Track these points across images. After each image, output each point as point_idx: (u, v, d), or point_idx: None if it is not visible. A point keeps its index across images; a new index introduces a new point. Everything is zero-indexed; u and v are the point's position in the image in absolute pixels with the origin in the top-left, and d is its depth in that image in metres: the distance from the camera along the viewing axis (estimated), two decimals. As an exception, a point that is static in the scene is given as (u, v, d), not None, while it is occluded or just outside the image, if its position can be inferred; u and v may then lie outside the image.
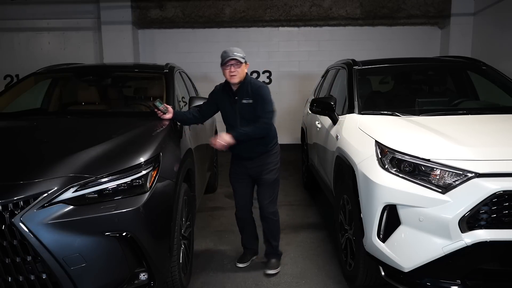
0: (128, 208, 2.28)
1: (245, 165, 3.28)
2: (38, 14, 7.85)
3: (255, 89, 3.09)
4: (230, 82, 3.10)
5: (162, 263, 2.53)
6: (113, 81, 4.24)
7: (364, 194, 2.63)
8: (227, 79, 3.11)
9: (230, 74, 3.04)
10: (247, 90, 3.10)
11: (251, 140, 3.11)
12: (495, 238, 2.20)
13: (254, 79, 3.24)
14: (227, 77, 3.08)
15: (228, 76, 3.07)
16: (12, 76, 8.14)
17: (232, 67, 3.02)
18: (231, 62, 3.01)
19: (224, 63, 3.03)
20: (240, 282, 3.19)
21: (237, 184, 3.39)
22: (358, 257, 2.79)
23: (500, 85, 3.83)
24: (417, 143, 2.57)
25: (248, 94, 3.09)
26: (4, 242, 2.12)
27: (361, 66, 3.99)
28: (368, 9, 7.72)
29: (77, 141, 2.70)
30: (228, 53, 3.03)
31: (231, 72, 3.03)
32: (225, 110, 3.19)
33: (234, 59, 3.01)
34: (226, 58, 3.02)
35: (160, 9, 7.82)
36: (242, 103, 3.10)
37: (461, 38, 7.52)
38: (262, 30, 8.15)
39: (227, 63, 3.02)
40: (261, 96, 3.08)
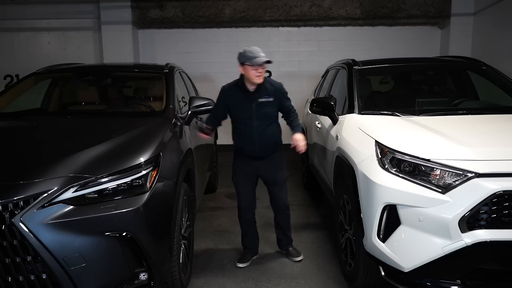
0: (128, 208, 2.29)
1: (255, 165, 3.30)
2: (38, 14, 7.85)
3: (276, 87, 3.22)
4: (255, 82, 3.09)
5: (162, 263, 2.53)
6: (113, 81, 4.24)
7: (364, 194, 2.63)
8: (251, 78, 3.08)
9: (258, 74, 3.06)
10: (265, 88, 3.16)
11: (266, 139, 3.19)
12: (495, 238, 2.20)
13: (268, 78, 3.27)
14: (252, 77, 3.06)
15: (254, 76, 3.06)
16: (12, 76, 8.13)
17: (260, 68, 3.04)
18: (264, 64, 3.03)
19: (256, 63, 3.01)
20: (240, 282, 3.18)
21: (242, 184, 3.38)
22: (358, 257, 2.79)
23: (500, 85, 3.83)
24: (417, 143, 2.57)
25: (267, 92, 3.16)
26: (4, 242, 2.12)
27: (361, 66, 3.99)
28: (368, 9, 7.72)
29: (77, 141, 2.70)
30: (255, 53, 3.03)
31: (259, 73, 3.06)
32: (239, 109, 3.19)
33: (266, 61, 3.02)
34: (258, 59, 3.00)
35: (160, 9, 7.81)
36: (259, 101, 3.15)
37: (461, 38, 7.52)
38: (262, 30, 8.14)
39: (259, 64, 3.01)
40: (284, 93, 3.27)
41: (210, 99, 3.69)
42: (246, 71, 3.08)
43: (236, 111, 3.21)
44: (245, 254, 3.51)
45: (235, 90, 3.21)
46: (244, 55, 3.05)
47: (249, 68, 3.05)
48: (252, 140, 3.20)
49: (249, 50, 3.04)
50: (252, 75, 3.06)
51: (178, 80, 4.08)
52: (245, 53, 3.06)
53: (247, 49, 3.07)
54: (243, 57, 3.07)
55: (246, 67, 3.07)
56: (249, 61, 3.02)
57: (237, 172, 3.40)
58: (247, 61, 3.04)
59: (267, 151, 3.27)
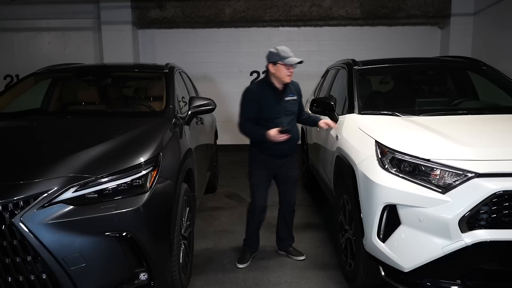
0: (128, 208, 2.28)
1: (278, 164, 3.33)
2: (38, 14, 7.85)
3: (297, 86, 3.39)
4: (284, 81, 3.18)
5: (162, 263, 2.53)
6: (113, 81, 4.24)
7: (364, 194, 2.63)
8: (281, 77, 3.15)
9: (289, 74, 3.15)
10: (290, 87, 3.27)
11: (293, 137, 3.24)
12: (495, 238, 2.20)
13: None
14: (283, 76, 3.14)
15: (284, 75, 3.14)
16: (12, 76, 8.14)
17: (292, 67, 3.13)
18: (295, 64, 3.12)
19: (289, 63, 3.09)
20: (240, 282, 3.19)
21: (260, 185, 3.35)
22: (358, 257, 2.79)
23: (500, 85, 3.83)
24: (417, 143, 2.57)
25: (292, 91, 3.29)
26: (4, 242, 2.12)
27: (361, 66, 3.99)
28: (368, 9, 7.72)
29: (77, 141, 2.70)
30: (288, 53, 3.12)
31: (291, 73, 3.16)
32: (269, 107, 3.20)
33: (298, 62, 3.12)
34: (292, 59, 3.10)
35: (160, 9, 7.82)
36: (286, 100, 3.24)
37: (461, 38, 7.52)
38: (262, 30, 8.15)
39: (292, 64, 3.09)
40: (301, 93, 3.43)
41: (210, 99, 3.69)
42: (277, 70, 3.14)
43: (266, 110, 3.20)
44: (244, 254, 3.51)
45: (264, 88, 3.22)
46: (278, 55, 3.11)
47: (282, 67, 3.12)
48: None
49: (282, 50, 3.12)
50: (283, 74, 3.14)
51: (178, 80, 4.08)
52: (278, 52, 3.11)
53: (279, 48, 3.13)
54: (276, 56, 3.12)
55: (278, 66, 3.12)
56: (283, 60, 3.10)
57: (256, 172, 3.34)
58: (280, 60, 3.10)
59: (293, 149, 3.36)
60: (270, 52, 3.17)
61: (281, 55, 3.10)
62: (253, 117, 3.22)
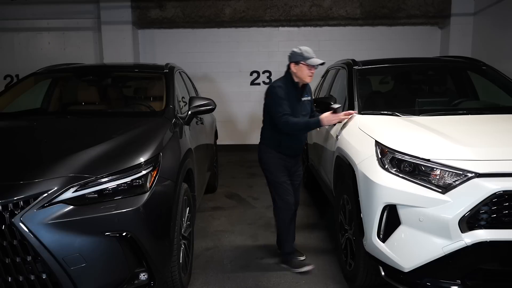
0: (128, 208, 2.28)
1: (290, 163, 3.37)
2: (38, 14, 7.86)
3: (309, 87, 3.42)
4: (305, 81, 3.22)
5: (162, 263, 2.53)
6: (113, 81, 4.24)
7: (364, 194, 2.63)
8: (302, 77, 3.19)
9: (310, 74, 3.19)
10: (306, 88, 3.34)
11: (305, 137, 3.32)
12: (495, 238, 2.20)
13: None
14: (305, 76, 3.17)
15: (306, 75, 3.18)
16: (12, 76, 8.14)
17: (313, 68, 3.16)
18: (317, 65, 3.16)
19: (312, 64, 3.12)
20: (240, 282, 3.19)
21: (285, 178, 3.33)
22: (358, 257, 2.79)
23: (500, 85, 3.83)
24: (417, 143, 2.57)
25: (307, 92, 3.36)
26: (4, 242, 2.12)
27: (361, 66, 3.99)
28: (368, 9, 7.72)
29: (77, 141, 2.70)
30: (310, 54, 3.15)
31: (312, 73, 3.19)
32: (291, 105, 3.21)
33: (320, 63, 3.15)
34: (315, 60, 3.13)
35: (160, 9, 7.82)
36: (303, 100, 3.31)
37: (461, 38, 7.53)
38: (262, 30, 8.15)
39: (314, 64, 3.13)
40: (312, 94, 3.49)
41: (210, 99, 3.69)
42: (299, 69, 3.17)
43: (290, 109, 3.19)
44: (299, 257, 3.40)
45: (288, 87, 3.22)
46: (301, 55, 3.14)
47: (304, 67, 3.15)
48: (299, 138, 3.31)
49: (305, 50, 3.15)
50: (305, 74, 3.17)
51: (178, 80, 4.08)
52: (301, 52, 3.14)
53: (303, 48, 3.16)
54: (299, 56, 3.15)
55: (301, 66, 3.15)
56: (305, 60, 3.13)
57: (278, 169, 3.30)
58: (303, 60, 3.13)
59: (301, 149, 3.44)
60: (293, 51, 3.19)
61: (304, 55, 3.13)
62: (289, 112, 3.15)
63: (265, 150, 3.35)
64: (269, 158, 3.32)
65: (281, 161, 3.32)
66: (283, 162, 3.33)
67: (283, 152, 3.31)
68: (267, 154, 3.33)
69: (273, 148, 3.31)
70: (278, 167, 3.31)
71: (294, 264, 3.36)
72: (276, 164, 3.31)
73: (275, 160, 3.31)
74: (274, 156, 3.31)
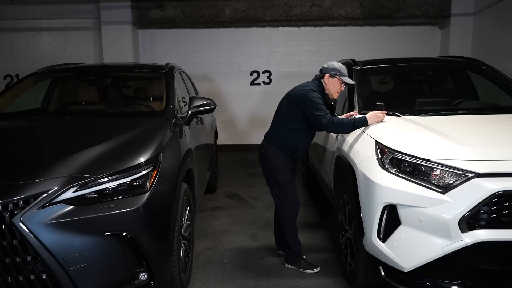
0: (128, 208, 2.29)
1: (295, 163, 3.42)
2: (38, 14, 7.85)
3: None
4: (332, 95, 3.28)
5: (162, 263, 2.53)
6: (113, 81, 4.24)
7: (364, 194, 2.63)
8: (332, 92, 3.26)
9: (339, 91, 3.27)
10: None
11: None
12: (495, 238, 2.20)
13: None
14: (334, 91, 3.25)
15: (335, 91, 3.25)
16: (12, 76, 8.14)
17: (343, 86, 3.25)
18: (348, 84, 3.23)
19: (346, 82, 3.20)
20: (240, 282, 3.19)
21: (294, 182, 3.38)
22: (358, 257, 2.79)
23: (500, 85, 3.83)
24: (417, 143, 2.57)
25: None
26: (4, 242, 2.12)
27: (361, 66, 3.99)
28: (368, 9, 7.72)
29: (77, 141, 2.70)
30: (346, 72, 3.23)
31: (341, 90, 3.27)
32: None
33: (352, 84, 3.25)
34: (351, 81, 3.23)
35: (160, 9, 7.82)
36: None
37: (461, 38, 7.52)
38: (262, 30, 8.15)
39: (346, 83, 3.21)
40: None
41: (210, 99, 3.69)
42: (332, 83, 3.23)
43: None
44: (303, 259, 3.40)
45: (320, 93, 3.24)
46: (339, 70, 3.21)
47: (337, 82, 3.22)
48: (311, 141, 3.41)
49: (342, 67, 3.23)
50: (335, 89, 3.25)
51: (178, 80, 4.08)
52: (339, 68, 3.21)
53: (341, 65, 3.25)
54: (336, 71, 3.21)
55: (335, 80, 3.22)
56: (341, 76, 3.20)
57: (287, 171, 3.32)
58: (339, 75, 3.20)
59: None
60: (331, 64, 3.25)
61: (341, 71, 3.21)
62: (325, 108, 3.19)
63: (275, 151, 3.30)
64: (279, 160, 3.30)
65: (289, 163, 3.33)
66: (291, 164, 3.35)
67: (293, 156, 3.32)
68: (278, 156, 3.30)
69: (285, 151, 3.29)
70: (287, 169, 3.32)
71: (302, 265, 3.36)
72: (286, 166, 3.32)
73: (285, 163, 3.31)
74: (284, 158, 3.31)
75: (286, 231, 3.37)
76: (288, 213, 3.33)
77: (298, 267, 3.36)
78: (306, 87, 3.22)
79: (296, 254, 3.40)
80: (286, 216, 3.33)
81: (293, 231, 3.38)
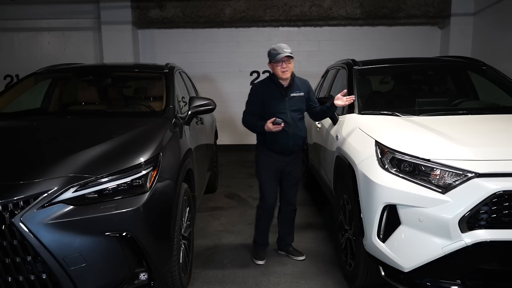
0: (128, 208, 2.28)
1: (283, 160, 3.36)
2: (38, 14, 7.86)
3: (305, 83, 3.41)
4: (281, 77, 3.22)
5: (162, 263, 2.53)
6: (113, 81, 4.24)
7: (364, 194, 2.63)
8: (278, 74, 3.22)
9: (283, 70, 3.19)
10: (296, 84, 3.31)
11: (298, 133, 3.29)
12: (495, 238, 2.20)
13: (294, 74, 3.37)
14: (278, 73, 3.21)
15: (280, 72, 3.20)
16: (12, 76, 8.14)
17: (284, 63, 3.17)
18: (284, 59, 3.15)
19: (277, 60, 3.15)
20: (240, 282, 3.19)
21: (270, 181, 3.41)
22: (358, 257, 2.79)
23: (500, 85, 3.83)
24: (417, 143, 2.57)
25: (298, 88, 3.33)
26: (4, 242, 2.12)
27: (361, 66, 4.00)
28: (368, 9, 7.72)
29: (77, 141, 2.70)
30: (278, 50, 3.17)
31: (283, 68, 3.19)
32: (274, 103, 3.26)
33: (287, 56, 3.14)
34: (279, 55, 3.14)
35: (160, 9, 7.82)
36: (291, 96, 3.29)
37: (461, 38, 7.53)
38: (262, 30, 8.15)
39: (280, 60, 3.15)
40: (311, 88, 3.46)
41: (210, 99, 3.69)
42: (273, 68, 3.25)
43: (271, 106, 3.26)
44: (260, 251, 3.54)
45: (269, 85, 3.30)
46: (269, 54, 3.23)
47: (274, 65, 3.22)
48: (286, 134, 3.26)
49: (274, 48, 3.21)
50: (277, 71, 3.21)
51: (178, 80, 4.08)
52: (270, 51, 3.23)
53: (272, 47, 3.23)
54: (269, 55, 3.24)
55: (272, 65, 3.24)
56: (273, 58, 3.19)
57: (265, 169, 3.38)
58: (271, 59, 3.21)
59: (297, 146, 3.38)
60: (268, 51, 3.26)
61: (271, 54, 3.21)
62: (254, 112, 3.32)
63: (258, 148, 3.43)
64: (260, 157, 3.40)
65: (272, 160, 3.35)
66: (274, 161, 3.35)
67: (271, 148, 3.32)
68: (259, 153, 3.41)
69: (263, 145, 3.37)
70: (267, 167, 3.37)
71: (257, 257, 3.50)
72: (266, 164, 3.37)
73: (265, 159, 3.37)
74: (266, 154, 3.36)
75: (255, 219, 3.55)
76: (259, 209, 3.50)
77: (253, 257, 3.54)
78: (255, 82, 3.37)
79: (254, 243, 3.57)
80: (258, 211, 3.51)
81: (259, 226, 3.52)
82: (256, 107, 3.31)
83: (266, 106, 3.27)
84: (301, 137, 3.38)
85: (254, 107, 3.32)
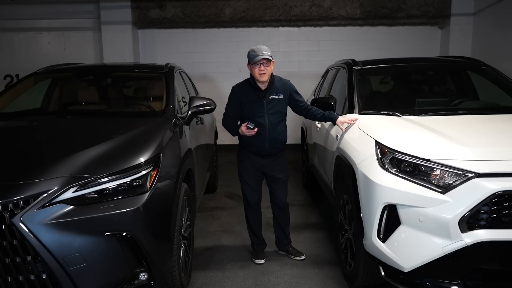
0: (128, 208, 2.28)
1: (262, 163, 3.37)
2: (38, 14, 7.85)
3: (286, 85, 3.35)
4: (258, 79, 3.20)
5: (162, 263, 2.53)
6: (113, 81, 4.24)
7: (364, 194, 2.63)
8: (255, 77, 3.20)
9: (260, 72, 3.16)
10: (276, 86, 3.27)
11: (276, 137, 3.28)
12: (495, 238, 2.20)
13: (277, 75, 3.35)
14: (256, 75, 3.19)
15: (257, 74, 3.17)
16: (12, 76, 8.14)
17: (262, 65, 3.14)
18: (262, 61, 3.12)
19: (255, 62, 3.13)
20: (240, 282, 3.19)
21: (251, 180, 3.43)
22: (358, 257, 2.79)
23: (500, 85, 3.83)
24: (417, 143, 2.57)
25: (278, 90, 3.29)
26: (4, 242, 2.12)
27: (361, 66, 3.99)
28: (368, 9, 7.72)
29: (77, 141, 2.70)
30: (257, 52, 3.14)
31: (261, 71, 3.16)
32: (251, 106, 3.26)
33: (265, 58, 3.11)
34: (257, 57, 3.11)
35: (160, 9, 7.82)
36: (270, 99, 3.26)
37: (461, 38, 7.53)
38: (262, 30, 8.15)
39: (257, 62, 3.12)
40: (293, 89, 3.38)
41: (210, 99, 3.69)
42: (251, 70, 3.24)
43: (248, 108, 3.27)
44: (259, 250, 3.57)
45: (246, 88, 3.30)
46: (248, 55, 3.20)
47: (252, 67, 3.20)
48: (263, 137, 3.26)
49: (253, 49, 3.18)
50: (255, 73, 3.19)
51: (178, 80, 4.08)
52: (249, 52, 3.20)
53: (252, 48, 3.21)
54: (248, 56, 3.21)
55: (250, 66, 3.22)
56: (251, 60, 3.17)
57: (245, 169, 3.42)
58: (250, 60, 3.19)
59: (275, 149, 3.36)
60: (248, 52, 3.24)
61: (250, 55, 3.19)
62: (233, 115, 3.34)
63: (239, 148, 3.48)
64: (240, 157, 3.45)
65: (250, 161, 3.38)
66: (253, 162, 3.38)
67: (249, 150, 3.35)
68: (239, 153, 3.46)
69: (242, 146, 3.42)
70: (245, 167, 3.42)
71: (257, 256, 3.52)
72: (244, 164, 3.42)
73: (244, 160, 3.42)
74: (244, 155, 3.41)
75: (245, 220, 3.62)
76: (245, 209, 3.55)
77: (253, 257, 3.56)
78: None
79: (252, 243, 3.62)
80: (245, 211, 3.56)
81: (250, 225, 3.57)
82: (234, 109, 3.32)
83: (244, 108, 3.27)
84: (280, 140, 3.34)
85: (233, 109, 3.33)
